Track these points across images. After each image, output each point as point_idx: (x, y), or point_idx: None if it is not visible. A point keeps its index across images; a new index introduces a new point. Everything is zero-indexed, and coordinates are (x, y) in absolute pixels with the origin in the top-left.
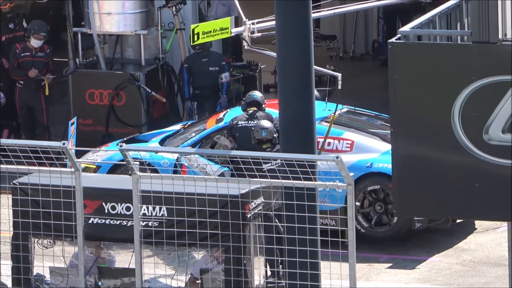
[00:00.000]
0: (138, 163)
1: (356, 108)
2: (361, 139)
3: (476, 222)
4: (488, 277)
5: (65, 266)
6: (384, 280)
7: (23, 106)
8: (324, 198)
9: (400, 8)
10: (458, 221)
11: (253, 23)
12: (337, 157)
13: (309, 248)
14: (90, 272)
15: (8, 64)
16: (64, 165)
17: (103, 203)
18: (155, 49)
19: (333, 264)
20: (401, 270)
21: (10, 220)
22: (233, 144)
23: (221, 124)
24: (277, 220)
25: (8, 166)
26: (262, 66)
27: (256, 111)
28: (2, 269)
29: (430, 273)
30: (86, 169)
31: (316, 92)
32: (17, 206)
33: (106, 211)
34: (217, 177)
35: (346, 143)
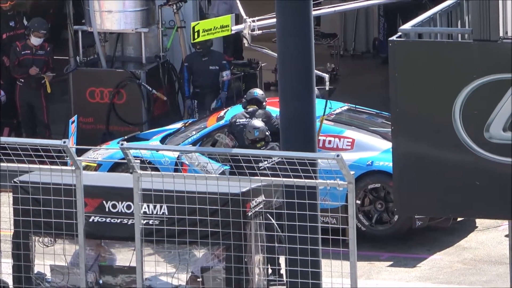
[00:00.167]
0: (139, 161)
1: (357, 106)
2: (362, 137)
3: (477, 220)
4: (489, 275)
5: (66, 264)
6: (385, 278)
7: (24, 104)
8: (325, 196)
9: (401, 6)
10: (459, 219)
11: (254, 21)
12: (338, 155)
13: (310, 246)
14: (91, 270)
15: (9, 62)
16: (65, 163)
17: (104, 202)
18: (156, 47)
19: (334, 262)
20: (402, 268)
21: (11, 218)
22: (234, 142)
23: (222, 122)
24: (272, 219)
25: (9, 164)
26: (263, 64)
27: (256, 110)
28: (3, 268)
29: (431, 271)
30: (87, 168)
31: (317, 91)
32: (18, 204)
33: (107, 210)
34: (218, 176)
35: (347, 141)
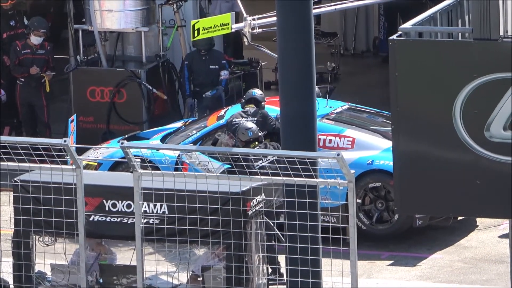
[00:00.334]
0: (139, 160)
1: (357, 105)
2: (362, 136)
3: (478, 220)
4: (490, 274)
5: (66, 264)
6: (385, 277)
7: (24, 104)
8: (325, 195)
9: (401, 5)
10: (459, 219)
11: (254, 19)
12: (338, 154)
13: (310, 245)
14: (91, 270)
15: (9, 62)
16: (65, 163)
17: (104, 201)
18: (156, 46)
19: (334, 261)
20: (402, 267)
21: (11, 218)
22: (234, 141)
23: (222, 121)
24: (267, 218)
25: (9, 164)
26: (263, 63)
27: (253, 109)
28: (4, 267)
29: (432, 270)
30: (87, 167)
31: (317, 89)
32: (19, 204)
33: (107, 209)
34: (219, 175)
35: (347, 140)
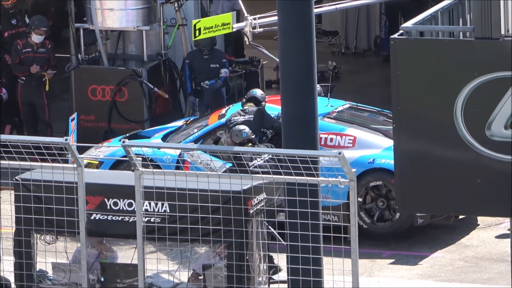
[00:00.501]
0: (141, 159)
1: (358, 104)
2: (363, 135)
3: (479, 218)
4: (491, 273)
5: (68, 262)
6: (387, 276)
7: (25, 102)
8: (327, 194)
9: (402, 4)
10: (461, 217)
11: (255, 19)
12: (340, 153)
13: (312, 244)
14: (93, 268)
15: (10, 61)
16: (66, 161)
17: (105, 199)
18: (157, 45)
19: (336, 260)
20: (404, 266)
21: (13, 216)
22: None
23: (223, 120)
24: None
25: (11, 162)
26: (264, 62)
27: (252, 108)
28: (5, 265)
29: (433, 269)
30: (89, 165)
31: (319, 88)
32: (20, 202)
33: (108, 207)
34: (220, 173)
35: (348, 139)
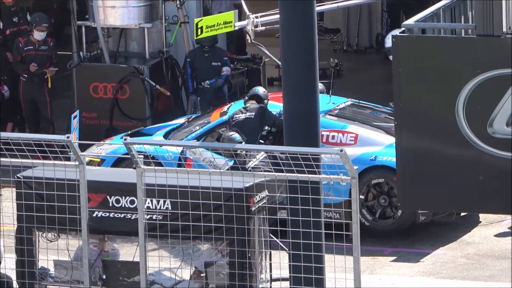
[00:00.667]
0: (143, 157)
1: (360, 101)
2: (365, 132)
3: (480, 215)
4: (493, 270)
5: (70, 260)
6: (389, 273)
7: (27, 100)
8: (328, 191)
9: (404, 1)
10: (462, 214)
11: (257, 17)
12: (341, 150)
13: (314, 241)
14: (95, 266)
15: (12, 58)
16: (68, 159)
17: (107, 197)
18: (159, 43)
19: (338, 257)
20: (405, 263)
21: (14, 214)
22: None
23: (225, 117)
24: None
25: (12, 160)
26: (266, 60)
27: (253, 105)
28: (7, 263)
29: (435, 266)
30: (91, 163)
31: (321, 86)
32: (21, 200)
33: (110, 205)
34: (222, 171)
35: (350, 136)
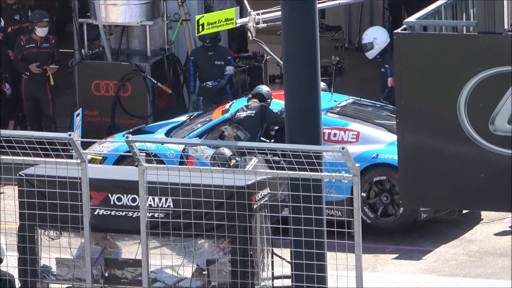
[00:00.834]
0: (144, 154)
1: (362, 99)
2: (367, 130)
3: (482, 213)
4: (494, 268)
5: (72, 257)
6: (390, 271)
7: (29, 98)
8: (330, 189)
9: None
10: (464, 212)
11: (258, 14)
12: (343, 148)
13: (315, 239)
14: (97, 263)
15: (13, 56)
16: (70, 157)
17: (109, 195)
18: (161, 40)
19: (339, 255)
20: (407, 261)
21: (16, 212)
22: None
23: (227, 115)
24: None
25: (14, 158)
26: (268, 57)
27: (255, 103)
28: (9, 261)
29: (436, 264)
30: (92, 161)
31: (323, 85)
32: (23, 198)
33: (112, 203)
34: (224, 168)
35: (352, 134)
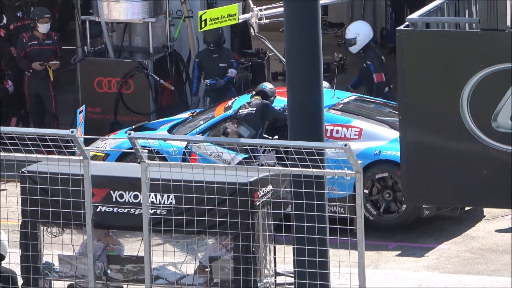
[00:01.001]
0: (147, 151)
1: (364, 96)
2: (370, 127)
3: (485, 210)
4: (497, 265)
5: (74, 254)
6: (393, 268)
7: (32, 95)
8: (333, 186)
9: None
10: (467, 209)
11: (261, 10)
12: (346, 145)
13: (318, 236)
14: (99, 260)
15: (15, 54)
16: (73, 153)
17: (111, 191)
18: (163, 37)
19: (342, 252)
20: (410, 258)
21: (19, 209)
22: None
23: (230, 112)
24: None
25: (17, 154)
26: (270, 54)
27: (256, 100)
28: (11, 257)
29: (439, 261)
30: (95, 157)
31: (326, 84)
32: (26, 195)
33: (114, 199)
34: (226, 165)
35: (355, 131)
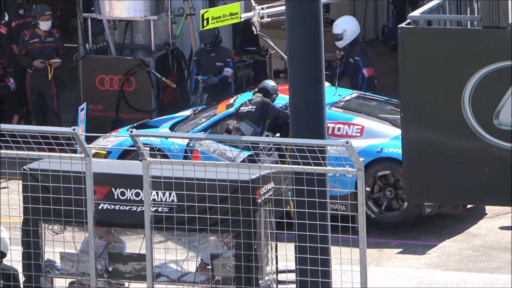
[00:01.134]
0: (149, 149)
1: (366, 93)
2: (371, 124)
3: (486, 207)
4: (499, 262)
5: (76, 252)
6: (394, 265)
7: (34, 92)
8: (334, 184)
9: None
10: (468, 207)
11: (263, 8)
12: (347, 142)
13: (320, 234)
14: (101, 258)
15: (17, 51)
16: (74, 151)
17: (113, 189)
18: (165, 35)
19: (344, 249)
20: (411, 255)
21: (21, 206)
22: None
23: (231, 110)
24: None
25: (18, 152)
26: (272, 52)
27: (257, 98)
28: (13, 255)
29: (441, 258)
30: (97, 155)
31: (327, 84)
32: (27, 192)
33: (116, 197)
34: (228, 163)
35: (356, 128)
